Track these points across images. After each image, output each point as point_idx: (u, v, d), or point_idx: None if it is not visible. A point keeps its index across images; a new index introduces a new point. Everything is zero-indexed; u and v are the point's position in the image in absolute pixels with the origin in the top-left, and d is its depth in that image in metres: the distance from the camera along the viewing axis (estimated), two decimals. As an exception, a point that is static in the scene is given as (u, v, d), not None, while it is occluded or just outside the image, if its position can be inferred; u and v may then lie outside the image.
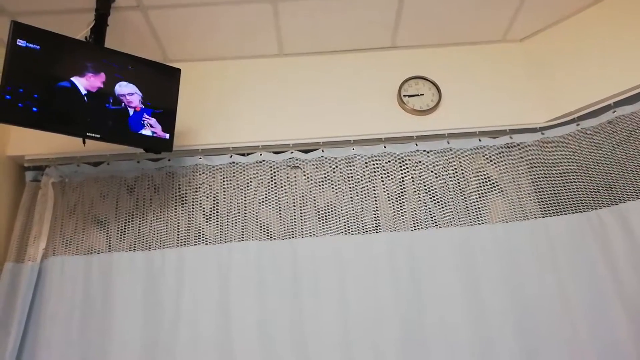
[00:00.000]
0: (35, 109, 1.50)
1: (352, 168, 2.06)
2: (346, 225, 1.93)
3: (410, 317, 1.73)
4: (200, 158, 2.07)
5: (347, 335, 1.71)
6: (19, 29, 1.50)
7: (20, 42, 1.49)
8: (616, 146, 1.96)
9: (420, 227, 1.91)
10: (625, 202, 1.78)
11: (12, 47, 1.48)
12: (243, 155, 2.08)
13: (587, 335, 1.67)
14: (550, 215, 1.90)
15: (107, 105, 1.63)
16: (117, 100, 1.65)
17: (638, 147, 1.90)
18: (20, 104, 1.47)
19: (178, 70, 1.82)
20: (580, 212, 1.87)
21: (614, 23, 1.97)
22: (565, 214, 1.88)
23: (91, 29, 1.77)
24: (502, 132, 2.09)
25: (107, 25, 1.82)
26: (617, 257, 1.73)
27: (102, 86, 1.63)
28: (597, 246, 1.78)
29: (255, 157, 2.07)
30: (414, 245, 1.85)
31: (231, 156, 2.07)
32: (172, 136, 1.78)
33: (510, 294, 1.75)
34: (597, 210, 1.83)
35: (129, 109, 1.67)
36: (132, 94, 1.69)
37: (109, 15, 1.84)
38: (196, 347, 1.70)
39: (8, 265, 1.81)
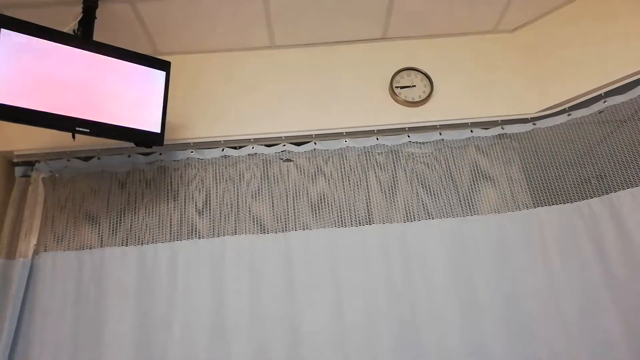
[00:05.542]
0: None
1: (345, 160, 2.05)
2: (339, 217, 1.93)
3: (403, 308, 1.74)
4: (192, 152, 2.05)
5: (340, 327, 1.71)
6: (4, 22, 1.47)
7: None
8: (607, 136, 1.97)
9: (412, 219, 1.92)
10: (615, 191, 1.79)
11: (-2, 41, 1.46)
12: (235, 148, 2.07)
13: (577, 323, 1.68)
14: (542, 205, 1.91)
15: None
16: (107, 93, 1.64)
17: (628, 137, 1.91)
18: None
19: (168, 63, 1.81)
20: (572, 201, 1.88)
21: (605, 13, 1.97)
22: (557, 203, 1.90)
23: (79, 21, 1.75)
24: (494, 123, 2.09)
25: (96, 18, 1.80)
26: (607, 246, 1.75)
27: (91, 79, 1.61)
28: (588, 235, 1.80)
29: (248, 150, 2.06)
30: (406, 236, 1.86)
31: (223, 149, 2.06)
32: (163, 130, 1.76)
33: (502, 284, 1.77)
34: (588, 199, 1.84)
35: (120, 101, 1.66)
36: (126, 87, 1.67)
37: (97, 7, 1.82)
38: (189, 341, 1.70)
39: (-1, 262, 1.80)
